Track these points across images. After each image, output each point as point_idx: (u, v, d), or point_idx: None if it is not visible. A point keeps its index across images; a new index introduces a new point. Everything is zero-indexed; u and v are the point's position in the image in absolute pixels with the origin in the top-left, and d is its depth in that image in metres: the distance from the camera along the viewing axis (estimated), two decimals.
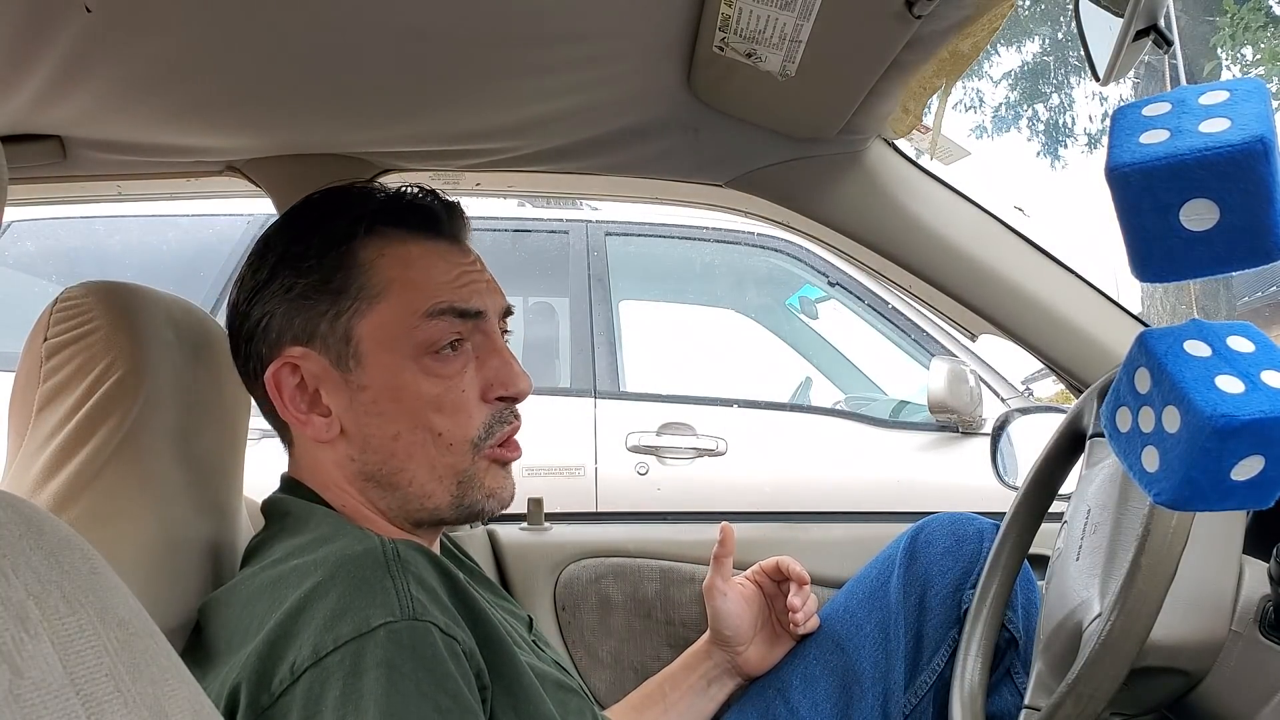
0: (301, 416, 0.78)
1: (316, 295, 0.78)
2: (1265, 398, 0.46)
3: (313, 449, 0.80)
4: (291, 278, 0.78)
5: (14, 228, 2.71)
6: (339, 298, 0.77)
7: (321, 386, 0.78)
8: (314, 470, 0.80)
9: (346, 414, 0.78)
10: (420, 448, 0.77)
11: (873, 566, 1.13)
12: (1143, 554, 0.67)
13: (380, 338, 0.77)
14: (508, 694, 0.69)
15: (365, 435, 0.77)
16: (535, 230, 2.89)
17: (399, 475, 0.78)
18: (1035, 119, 12.28)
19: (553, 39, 0.85)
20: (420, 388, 0.77)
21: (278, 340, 0.79)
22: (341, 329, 0.77)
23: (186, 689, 0.44)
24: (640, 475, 2.53)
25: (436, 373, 0.78)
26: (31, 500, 0.55)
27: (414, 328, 0.77)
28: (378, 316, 0.77)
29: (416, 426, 0.77)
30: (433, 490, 0.78)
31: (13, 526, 0.39)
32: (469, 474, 0.79)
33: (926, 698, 1.04)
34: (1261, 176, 0.45)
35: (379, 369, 0.77)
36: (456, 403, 0.78)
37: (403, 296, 0.78)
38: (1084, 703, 0.69)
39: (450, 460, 0.78)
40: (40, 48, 0.80)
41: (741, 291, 3.14)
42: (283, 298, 0.78)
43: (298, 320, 0.78)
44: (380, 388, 0.77)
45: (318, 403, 0.78)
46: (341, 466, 0.79)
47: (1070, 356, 1.12)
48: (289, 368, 0.78)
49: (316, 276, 0.78)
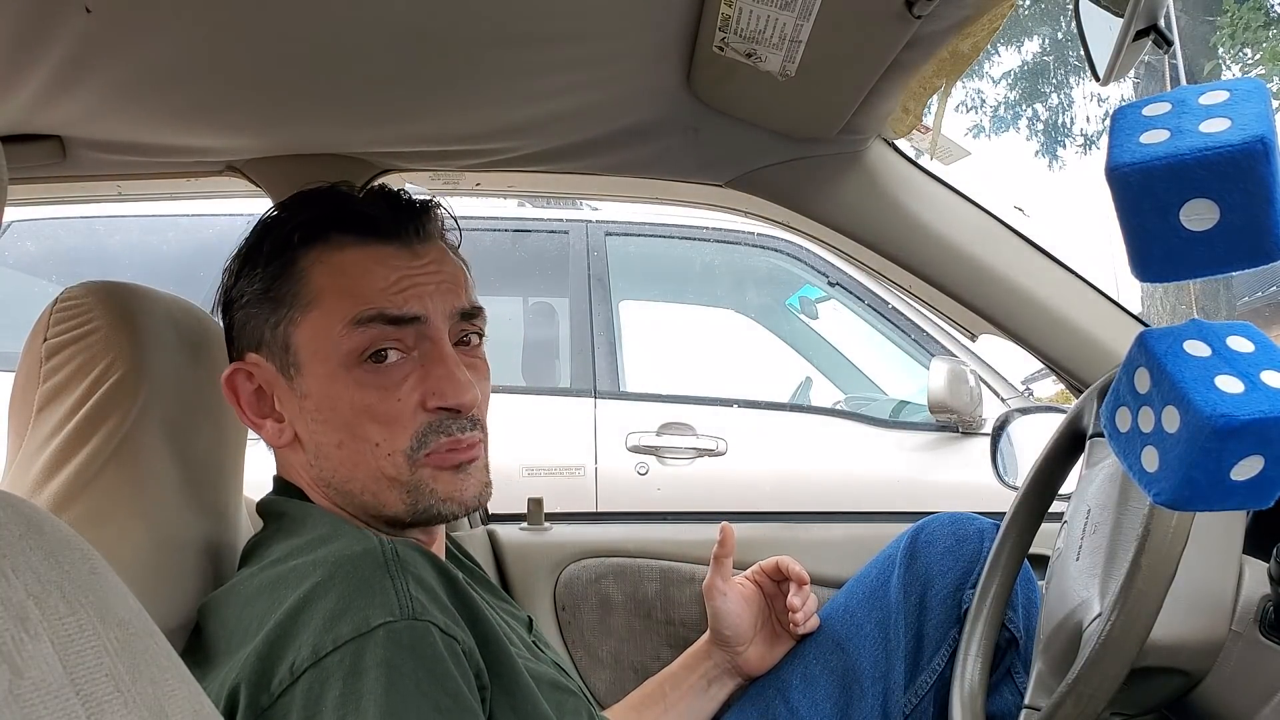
0: (257, 421, 0.80)
1: (260, 304, 0.79)
2: (1265, 398, 0.46)
3: (282, 452, 0.81)
4: (244, 286, 0.80)
5: (14, 228, 2.70)
6: (278, 306, 0.78)
7: (275, 393, 0.79)
8: (289, 473, 0.82)
9: (297, 421, 0.78)
10: (362, 456, 0.76)
11: (873, 566, 1.13)
12: (1143, 554, 0.67)
13: (314, 347, 0.77)
14: (506, 694, 0.69)
15: (316, 443, 0.78)
16: (535, 230, 2.89)
17: (350, 483, 0.78)
18: (1035, 119, 12.28)
19: (553, 39, 0.85)
20: (354, 397, 0.76)
21: (238, 347, 0.81)
22: (281, 338, 0.78)
23: (186, 689, 0.44)
24: (640, 475, 2.53)
25: (369, 383, 0.76)
26: (31, 500, 0.55)
27: (342, 336, 0.75)
28: (310, 325, 0.77)
29: (355, 436, 0.76)
30: (385, 499, 0.77)
31: (13, 526, 0.39)
32: (414, 483, 0.77)
33: (927, 698, 1.04)
34: (1261, 176, 0.45)
35: (315, 378, 0.77)
36: (390, 413, 0.76)
37: (333, 305, 0.76)
38: (1084, 703, 0.69)
39: (392, 471, 0.76)
40: (40, 48, 0.80)
41: (741, 291, 3.14)
42: (239, 305, 0.80)
43: (249, 328, 0.80)
44: (319, 396, 0.77)
45: (273, 409, 0.79)
46: (306, 470, 0.80)
47: (1070, 356, 1.12)
48: (244, 374, 0.79)
49: (259, 286, 0.79)
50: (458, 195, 1.24)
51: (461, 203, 0.97)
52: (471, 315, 0.82)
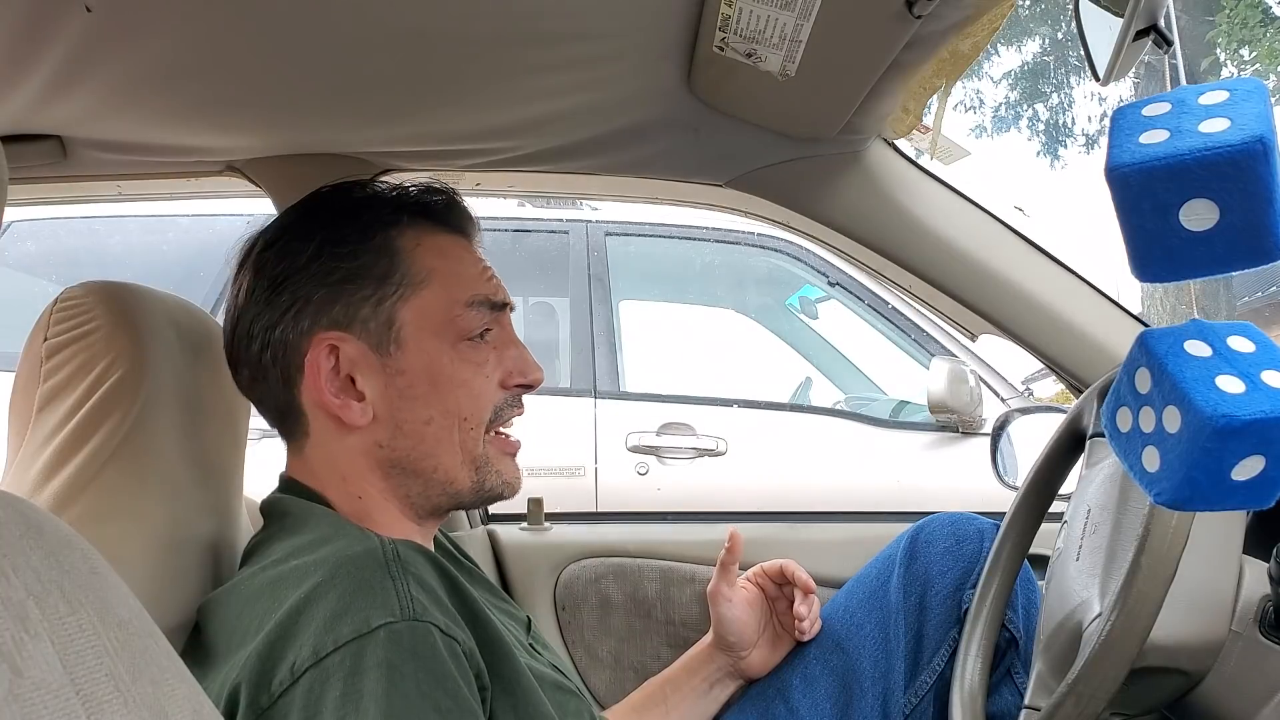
0: (338, 400, 0.78)
1: (359, 280, 0.79)
2: (1266, 398, 0.46)
3: (333, 440, 0.79)
4: (331, 263, 0.79)
5: (14, 228, 2.70)
6: (383, 283, 0.79)
7: (356, 371, 0.78)
8: (330, 463, 0.79)
9: (381, 399, 0.78)
10: (448, 433, 0.79)
11: (873, 566, 1.13)
12: (1143, 554, 0.67)
13: (422, 323, 0.79)
14: (507, 694, 0.69)
15: (398, 420, 0.78)
16: (535, 230, 2.89)
17: (426, 461, 0.79)
18: (1035, 119, 12.28)
19: (553, 39, 0.85)
20: (456, 373, 0.80)
21: (311, 326, 0.78)
22: (385, 313, 0.79)
23: (186, 689, 0.44)
24: (640, 475, 2.53)
25: (469, 358, 0.80)
26: (31, 500, 0.55)
27: (456, 315, 0.80)
28: (421, 302, 0.80)
29: (448, 411, 0.79)
30: (456, 475, 0.80)
31: (13, 526, 0.39)
32: (484, 457, 0.81)
33: (926, 698, 1.04)
34: (1261, 176, 0.45)
35: (419, 353, 0.79)
36: (481, 389, 0.81)
37: (445, 284, 0.81)
38: (1084, 703, 0.69)
39: (470, 445, 0.80)
40: (40, 48, 0.80)
41: (741, 291, 3.14)
42: (320, 282, 0.78)
43: (337, 305, 0.78)
44: (418, 372, 0.79)
45: (351, 388, 0.78)
46: (367, 454, 0.79)
47: (1070, 356, 1.12)
48: (328, 349, 0.78)
49: (358, 262, 0.79)
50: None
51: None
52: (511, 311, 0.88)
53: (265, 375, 0.80)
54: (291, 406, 0.80)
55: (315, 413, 0.79)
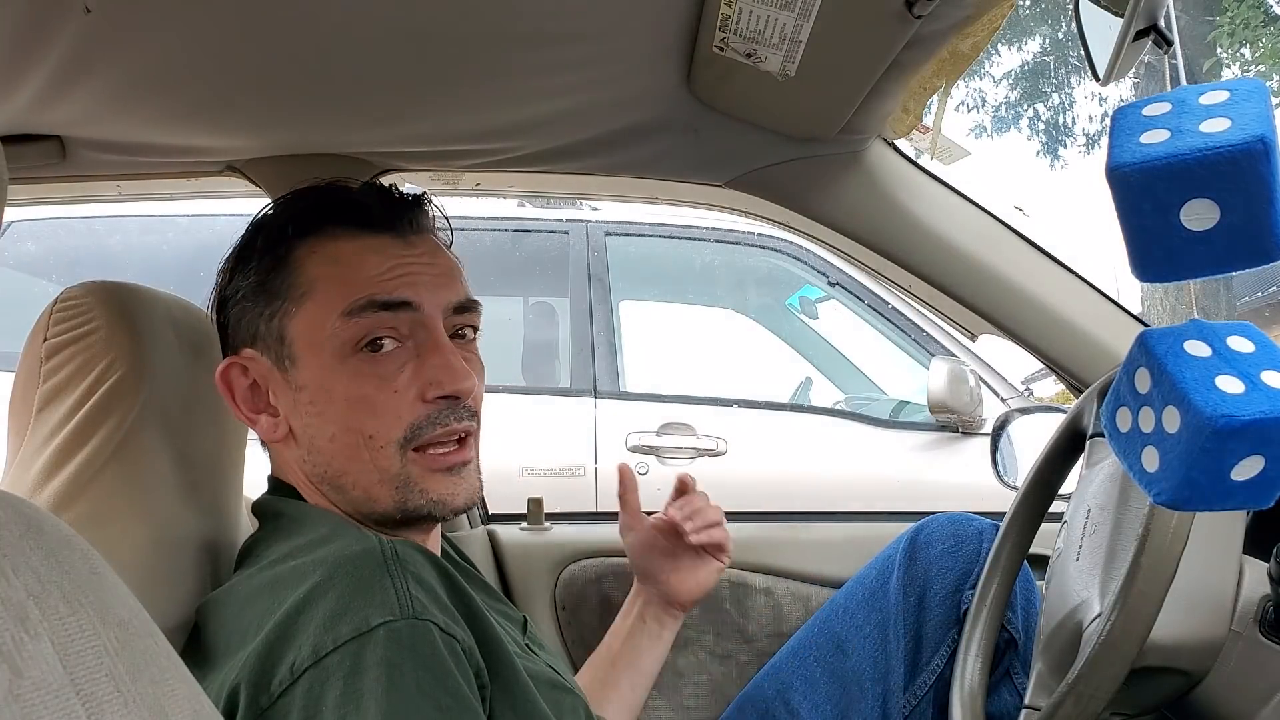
0: (252, 416, 0.79)
1: (255, 297, 0.79)
2: (1265, 398, 0.46)
3: (277, 449, 0.81)
4: (238, 282, 0.80)
5: (14, 228, 2.70)
6: (272, 299, 0.78)
7: (269, 387, 0.79)
8: (284, 471, 0.81)
9: (292, 414, 0.78)
10: (355, 450, 0.76)
11: (872, 567, 1.13)
12: (1143, 554, 0.67)
13: (309, 338, 0.76)
14: (505, 693, 0.69)
15: (309, 436, 0.78)
16: (535, 230, 2.89)
17: (342, 478, 0.77)
18: (1035, 119, 12.28)
19: (553, 39, 0.85)
20: (349, 388, 0.75)
21: (233, 344, 0.81)
22: (275, 330, 0.78)
23: (186, 689, 0.44)
24: (640, 475, 2.52)
25: (366, 372, 0.76)
26: (31, 500, 0.55)
27: (337, 326, 0.75)
28: (305, 316, 0.77)
29: (349, 428, 0.76)
30: (376, 494, 0.77)
31: (13, 526, 0.39)
32: (403, 477, 0.76)
33: (926, 698, 1.04)
34: (1261, 176, 0.45)
35: (311, 369, 0.77)
36: (386, 404, 0.75)
37: (326, 294, 0.76)
38: (1084, 702, 0.69)
39: (383, 463, 0.76)
40: (40, 48, 0.80)
41: (741, 291, 3.14)
42: (234, 302, 0.80)
43: (244, 322, 0.80)
44: (315, 388, 0.77)
45: (268, 404, 0.79)
46: (300, 466, 0.79)
47: (1070, 356, 1.12)
48: (238, 368, 0.79)
49: (255, 279, 0.79)
50: (458, 195, 1.24)
51: (461, 203, 0.97)
52: (466, 309, 0.81)
53: None
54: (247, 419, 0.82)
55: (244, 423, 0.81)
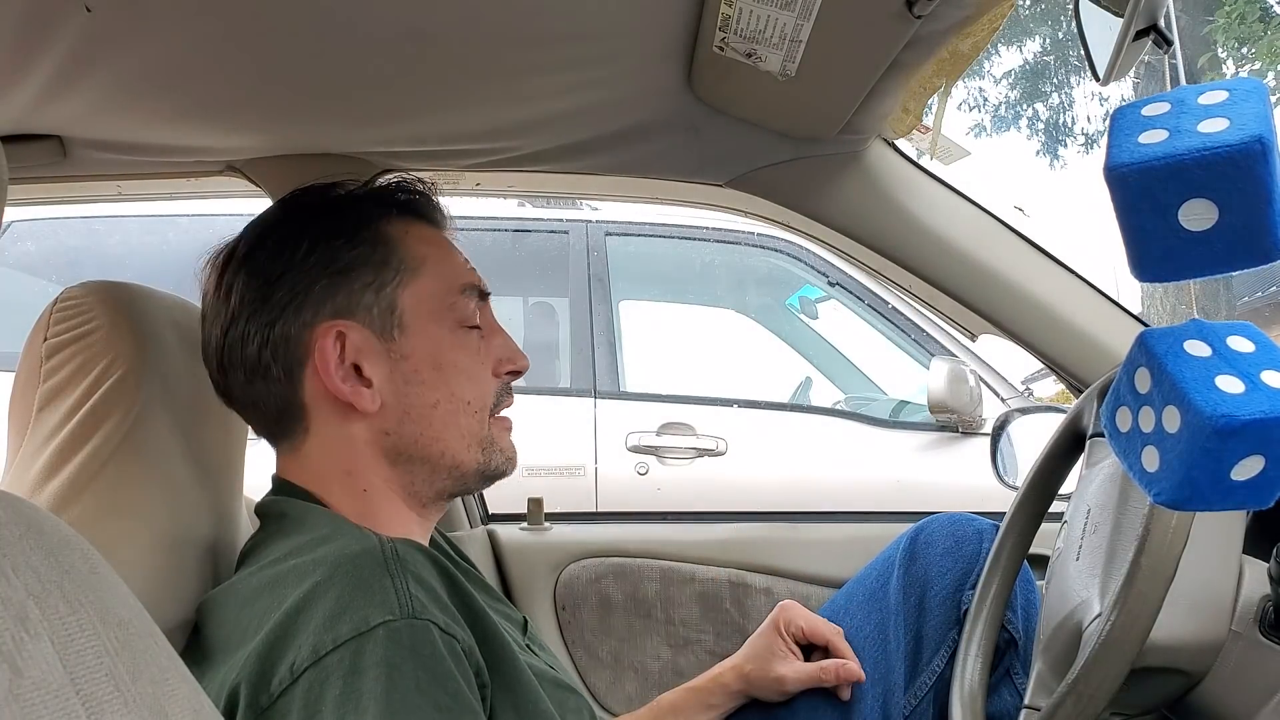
0: (347, 388, 0.77)
1: (358, 268, 0.79)
2: (1265, 398, 0.46)
3: (337, 432, 0.78)
4: (327, 254, 0.79)
5: (14, 228, 2.70)
6: (381, 269, 0.80)
7: (363, 359, 0.78)
8: (331, 459, 0.78)
9: (388, 385, 0.79)
10: (454, 416, 0.81)
11: (872, 567, 1.13)
12: (1143, 554, 0.67)
13: (424, 309, 0.81)
14: (507, 692, 0.69)
15: (405, 406, 0.79)
16: (535, 230, 2.89)
17: (433, 445, 0.80)
18: (1035, 119, 12.28)
19: (553, 39, 0.85)
20: (457, 357, 0.81)
21: (314, 317, 0.78)
22: (387, 299, 0.80)
23: (186, 689, 0.44)
24: (640, 475, 2.53)
25: (469, 346, 0.82)
26: (31, 500, 0.55)
27: (452, 301, 0.82)
28: (419, 287, 0.81)
29: (453, 395, 0.80)
30: (462, 459, 0.81)
31: (13, 526, 0.39)
32: (488, 438, 0.83)
33: (926, 698, 1.04)
34: (1260, 176, 0.45)
35: (422, 338, 0.80)
36: (480, 374, 0.83)
37: (438, 270, 0.83)
38: (1084, 702, 0.69)
39: (475, 428, 0.82)
40: (40, 48, 0.80)
41: (741, 291, 3.14)
42: (320, 272, 0.78)
43: (339, 294, 0.78)
44: (422, 356, 0.80)
45: (359, 375, 0.78)
46: (373, 443, 0.79)
47: (1070, 356, 1.12)
48: (335, 335, 0.77)
49: (355, 251, 0.80)
50: (458, 195, 1.24)
51: (461, 203, 0.97)
52: None
53: (265, 374, 0.78)
54: (292, 404, 0.79)
55: (319, 406, 0.78)
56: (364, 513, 0.78)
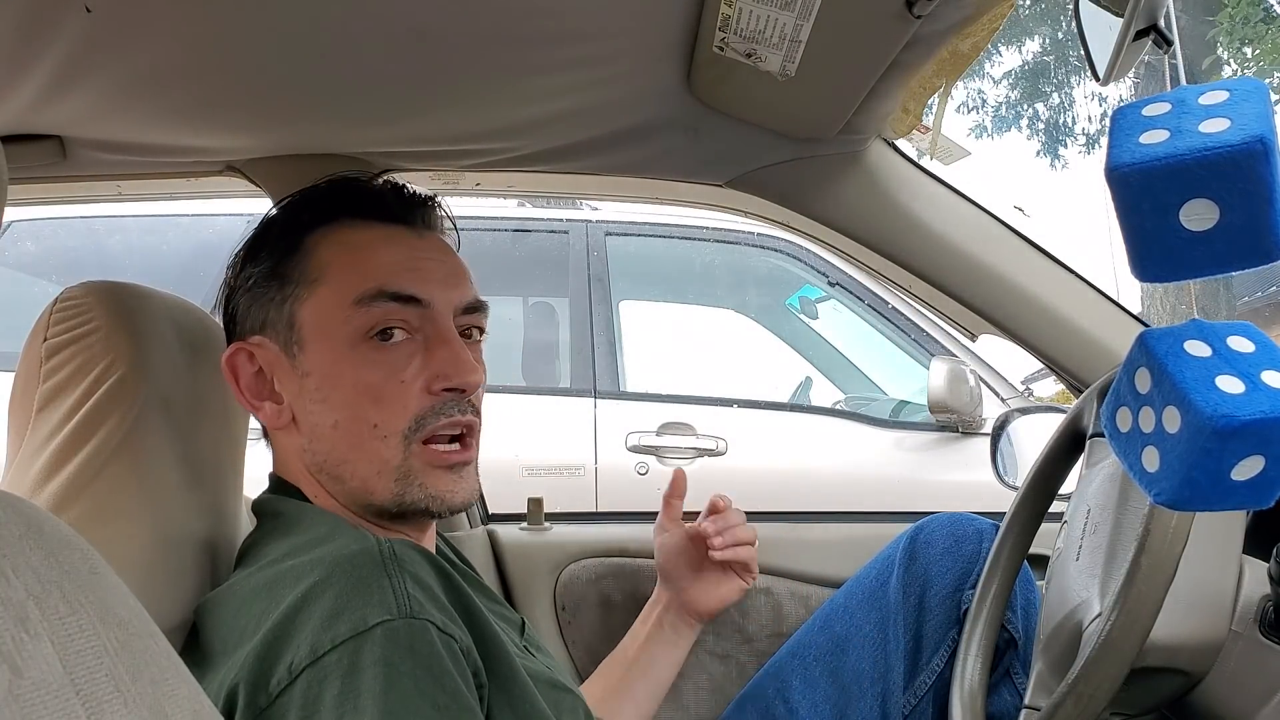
0: (255, 403, 0.80)
1: (267, 283, 0.80)
2: (1265, 398, 0.46)
3: (279, 440, 0.82)
4: (250, 269, 0.81)
5: (14, 228, 2.70)
6: (284, 284, 0.79)
7: (274, 374, 0.79)
8: (283, 465, 0.82)
9: (296, 402, 0.79)
10: (358, 439, 0.76)
11: (872, 566, 1.13)
12: (1143, 554, 0.67)
13: (319, 323, 0.77)
14: (504, 692, 0.69)
15: (312, 424, 0.78)
16: (535, 230, 2.89)
17: (341, 467, 0.77)
18: (1035, 119, 12.28)
19: (553, 39, 0.85)
20: (357, 375, 0.76)
21: (240, 332, 0.81)
22: (286, 314, 0.79)
23: (186, 689, 0.44)
24: (640, 475, 2.53)
25: (374, 361, 0.76)
26: (31, 500, 0.55)
27: (349, 313, 0.76)
28: (316, 301, 0.78)
29: (354, 416, 0.76)
30: (374, 485, 0.77)
31: (13, 526, 0.39)
32: (403, 470, 0.76)
33: (926, 698, 1.04)
34: (1261, 176, 0.45)
35: (319, 355, 0.77)
36: (393, 393, 0.76)
37: (339, 280, 0.77)
38: (1084, 702, 0.69)
39: (385, 454, 0.76)
40: (40, 48, 0.80)
41: (741, 291, 3.14)
42: (245, 290, 0.81)
43: (254, 310, 0.80)
44: (322, 374, 0.77)
45: (273, 391, 0.80)
46: (299, 456, 0.80)
47: (1070, 356, 1.12)
48: (245, 354, 0.80)
49: (267, 265, 0.80)
50: (458, 195, 1.24)
51: (461, 203, 0.97)
52: (474, 309, 0.83)
53: None
54: None
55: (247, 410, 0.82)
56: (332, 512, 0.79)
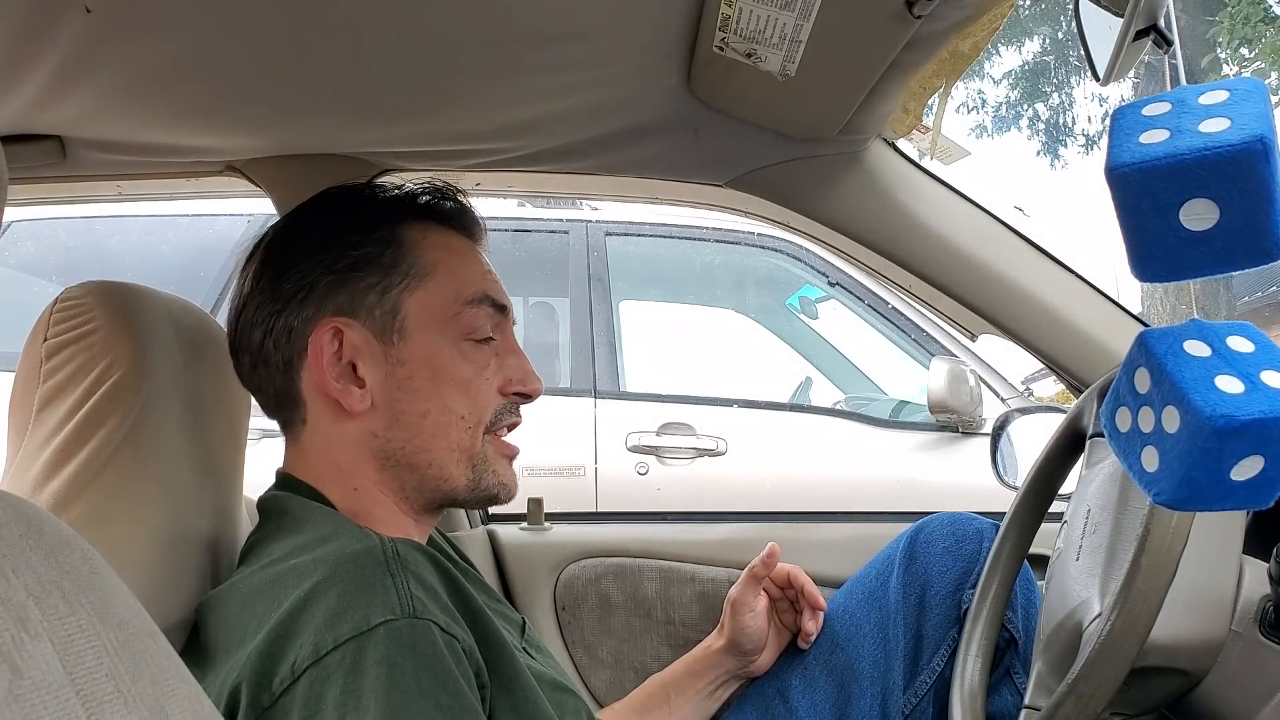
0: (338, 385, 0.78)
1: (366, 268, 0.80)
2: (1265, 398, 0.46)
3: (330, 428, 0.80)
4: (338, 251, 0.80)
5: (14, 228, 2.70)
6: (389, 272, 0.80)
7: (359, 358, 0.79)
8: (326, 453, 0.80)
9: (380, 388, 0.79)
10: (443, 429, 0.80)
11: (872, 566, 1.13)
12: (1143, 554, 0.67)
13: (426, 316, 0.80)
14: (506, 693, 0.69)
15: (396, 411, 0.79)
16: (535, 230, 2.89)
17: (420, 455, 0.79)
18: (1035, 119, 12.28)
19: (553, 39, 0.85)
20: (455, 369, 0.80)
21: (316, 312, 0.79)
22: (390, 302, 0.80)
23: (186, 689, 0.44)
24: (640, 475, 2.53)
25: (471, 358, 0.81)
26: (31, 500, 0.55)
27: (459, 311, 0.81)
28: (425, 294, 0.81)
29: (445, 407, 0.79)
30: (451, 473, 0.80)
31: (13, 526, 0.39)
32: (481, 456, 0.81)
33: (926, 697, 1.04)
34: (1261, 176, 0.45)
35: (421, 345, 0.80)
36: (481, 390, 0.81)
37: (450, 278, 0.82)
38: (1084, 702, 0.69)
39: (466, 443, 0.80)
40: (40, 48, 0.80)
41: (741, 291, 3.14)
42: (327, 269, 0.80)
43: (343, 292, 0.79)
44: (419, 363, 0.79)
45: (352, 374, 0.79)
46: (362, 444, 0.79)
47: (1070, 356, 1.12)
48: (333, 332, 0.78)
49: (365, 251, 0.80)
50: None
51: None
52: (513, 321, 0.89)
53: (266, 361, 0.81)
54: (290, 393, 0.81)
55: (314, 399, 0.80)
56: (357, 510, 0.79)
